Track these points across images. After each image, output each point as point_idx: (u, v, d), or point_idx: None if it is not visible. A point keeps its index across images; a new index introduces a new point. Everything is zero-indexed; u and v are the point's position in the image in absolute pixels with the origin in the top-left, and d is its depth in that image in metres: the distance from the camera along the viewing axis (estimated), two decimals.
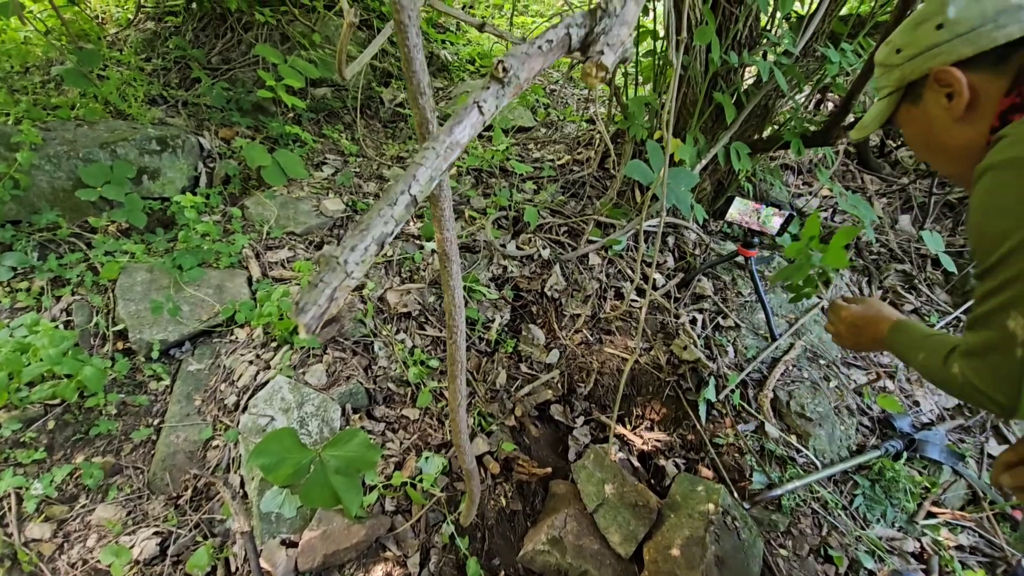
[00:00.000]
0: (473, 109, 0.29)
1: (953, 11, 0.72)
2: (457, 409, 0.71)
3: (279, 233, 1.98)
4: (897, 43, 0.80)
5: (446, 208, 0.51)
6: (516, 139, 2.65)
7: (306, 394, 1.49)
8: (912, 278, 2.46)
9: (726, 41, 2.02)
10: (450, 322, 0.60)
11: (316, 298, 0.27)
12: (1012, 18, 0.70)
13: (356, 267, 0.28)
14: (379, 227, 0.28)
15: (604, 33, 0.32)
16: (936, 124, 0.79)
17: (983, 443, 1.95)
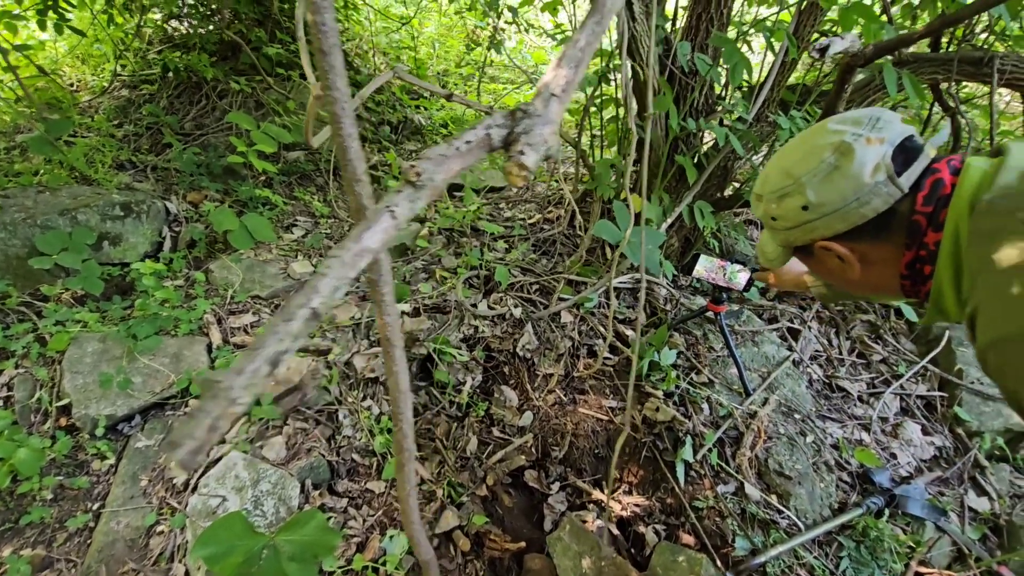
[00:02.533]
0: (384, 214, 0.28)
1: (813, 195, 0.73)
2: (407, 499, 0.67)
3: (243, 297, 1.93)
4: (770, 211, 0.80)
5: (386, 293, 0.49)
6: (487, 199, 2.69)
7: (263, 470, 1.40)
8: (878, 328, 2.50)
9: (684, 108, 2.13)
10: (395, 409, 0.57)
11: (193, 430, 0.25)
12: (872, 194, 0.70)
13: (242, 392, 0.25)
14: (272, 346, 0.25)
15: (525, 133, 0.31)
16: (836, 274, 0.80)
17: (963, 495, 1.93)
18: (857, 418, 2.16)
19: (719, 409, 1.92)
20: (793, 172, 0.76)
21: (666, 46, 2.07)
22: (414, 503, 0.69)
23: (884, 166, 0.70)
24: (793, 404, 2.02)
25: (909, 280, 0.74)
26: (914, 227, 0.70)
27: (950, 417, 2.19)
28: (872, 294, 0.84)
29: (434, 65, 3.51)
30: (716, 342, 2.17)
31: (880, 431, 2.12)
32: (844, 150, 0.72)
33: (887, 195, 0.70)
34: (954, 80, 2.13)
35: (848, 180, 0.71)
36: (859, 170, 0.70)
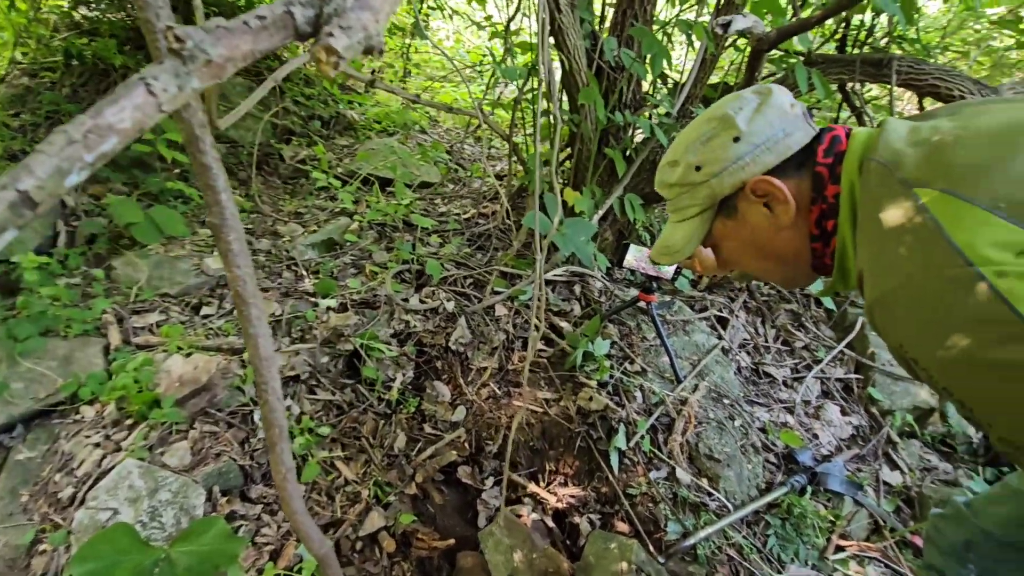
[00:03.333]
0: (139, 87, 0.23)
1: (744, 123, 0.73)
2: (284, 484, 0.60)
3: (150, 295, 1.78)
4: (693, 161, 0.77)
5: (233, 240, 0.44)
6: (421, 194, 2.64)
7: (162, 478, 1.28)
8: (800, 316, 2.62)
9: (612, 102, 2.16)
10: (258, 379, 0.51)
11: None
12: (795, 126, 0.72)
13: None
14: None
15: (336, 15, 0.28)
16: (760, 234, 0.77)
17: (877, 470, 2.04)
18: (782, 402, 2.24)
19: (651, 397, 1.94)
20: (717, 114, 0.76)
21: (593, 41, 2.10)
22: (295, 489, 0.62)
23: (799, 104, 0.74)
24: (722, 390, 2.07)
25: (820, 242, 0.73)
26: (817, 178, 0.71)
27: (865, 398, 2.31)
28: (784, 269, 0.80)
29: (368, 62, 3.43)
30: (649, 332, 2.20)
31: (803, 413, 2.21)
32: (763, 91, 0.76)
33: (807, 129, 0.73)
34: (858, 80, 2.28)
35: (774, 110, 0.73)
36: (782, 103, 0.73)
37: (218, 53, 0.25)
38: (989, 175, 0.53)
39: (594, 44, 2.11)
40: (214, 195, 0.42)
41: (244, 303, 0.47)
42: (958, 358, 0.50)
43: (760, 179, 0.73)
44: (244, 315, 0.47)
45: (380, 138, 2.95)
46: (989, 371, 0.48)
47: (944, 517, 1.03)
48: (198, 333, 1.67)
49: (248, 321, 0.48)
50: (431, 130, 3.38)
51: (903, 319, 0.55)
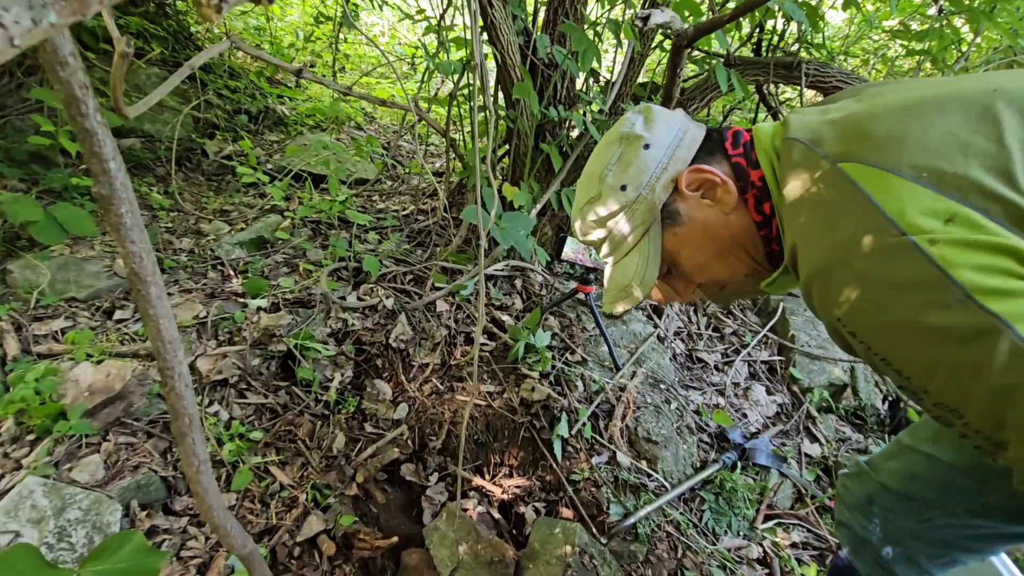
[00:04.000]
0: None
1: (645, 132, 0.74)
2: (197, 478, 0.57)
3: (53, 300, 1.63)
4: (615, 183, 0.74)
5: (125, 212, 0.41)
6: (357, 191, 2.57)
7: (70, 496, 1.17)
8: (728, 305, 2.78)
9: (547, 98, 2.20)
10: (161, 364, 0.48)
11: None
12: (687, 124, 0.76)
13: None
14: None
15: None
16: (712, 227, 0.73)
17: (799, 444, 2.19)
18: (714, 385, 2.37)
19: (592, 385, 1.99)
20: (613, 138, 0.77)
21: (526, 38, 2.12)
22: (210, 483, 0.59)
23: (678, 111, 0.78)
24: (658, 376, 2.16)
25: (765, 228, 0.71)
26: (737, 169, 0.71)
27: (787, 377, 2.48)
28: (749, 260, 0.74)
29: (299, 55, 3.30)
30: (588, 323, 2.25)
31: (733, 395, 2.35)
32: (642, 108, 0.78)
33: (697, 125, 0.77)
34: (772, 81, 2.44)
35: (661, 116, 0.76)
36: (662, 110, 0.77)
37: None
38: (907, 146, 0.54)
39: (527, 41, 2.14)
40: (100, 163, 0.39)
41: (141, 282, 0.44)
42: (896, 326, 0.50)
43: (689, 170, 0.72)
44: (142, 295, 0.44)
45: (313, 134, 2.85)
46: (926, 337, 0.49)
47: (849, 475, 1.10)
48: (111, 339, 1.55)
49: (147, 301, 0.45)
50: (366, 126, 3.30)
51: (839, 292, 0.54)
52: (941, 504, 0.92)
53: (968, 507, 0.89)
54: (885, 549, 1.00)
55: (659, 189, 0.73)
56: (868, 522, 1.02)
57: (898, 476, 0.97)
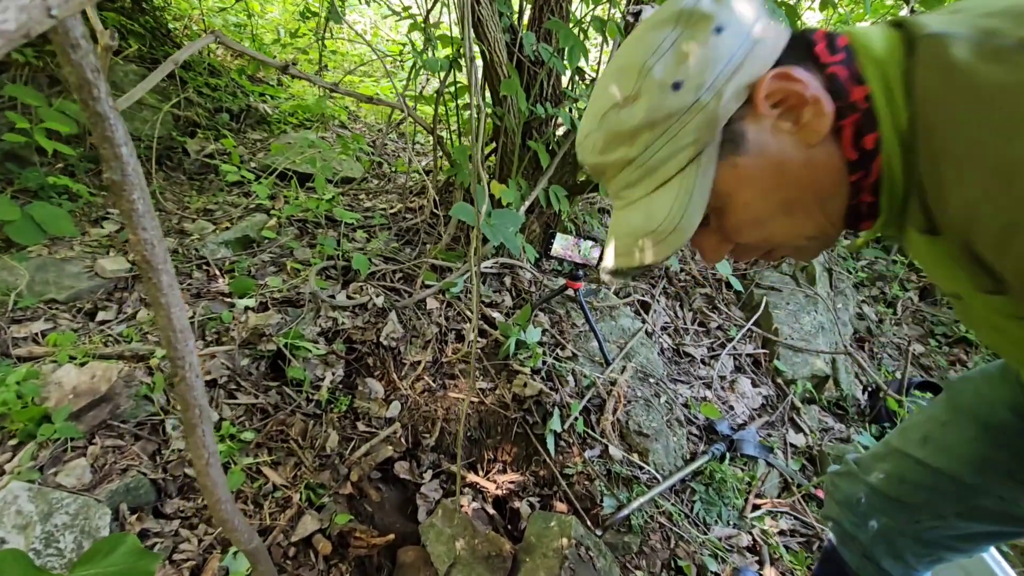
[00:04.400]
0: None
1: (720, 8, 0.51)
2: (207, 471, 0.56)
3: (32, 302, 1.58)
4: (665, 78, 0.51)
5: (137, 198, 0.40)
6: (343, 190, 2.55)
7: (56, 500, 1.14)
8: (713, 299, 2.82)
9: (533, 96, 2.21)
10: (171, 353, 0.47)
11: None
12: (771, 14, 0.53)
13: None
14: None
15: None
16: (788, 166, 0.52)
17: (784, 434, 2.24)
18: (701, 378, 2.41)
19: (583, 380, 2.01)
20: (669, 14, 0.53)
21: (512, 35, 2.13)
22: (219, 476, 0.58)
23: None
24: (648, 370, 2.18)
25: (861, 170, 0.51)
26: (834, 83, 0.50)
27: (772, 370, 2.53)
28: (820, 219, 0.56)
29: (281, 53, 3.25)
30: (578, 319, 2.27)
31: (720, 387, 2.39)
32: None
33: (780, 19, 0.60)
34: None
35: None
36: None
37: None
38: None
39: (513, 38, 2.15)
40: (112, 148, 0.39)
41: (153, 269, 0.43)
42: None
43: (773, 75, 0.50)
44: (154, 283, 0.44)
45: (296, 132, 2.82)
46: None
47: (839, 474, 1.07)
48: (95, 341, 1.51)
49: (159, 290, 0.44)
50: (350, 125, 3.27)
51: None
52: (929, 507, 0.91)
53: (956, 511, 0.88)
54: (872, 547, 0.99)
55: (728, 95, 0.50)
56: (856, 519, 1.01)
57: (887, 479, 0.95)
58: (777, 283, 2.85)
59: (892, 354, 3.09)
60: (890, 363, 2.99)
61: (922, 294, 3.60)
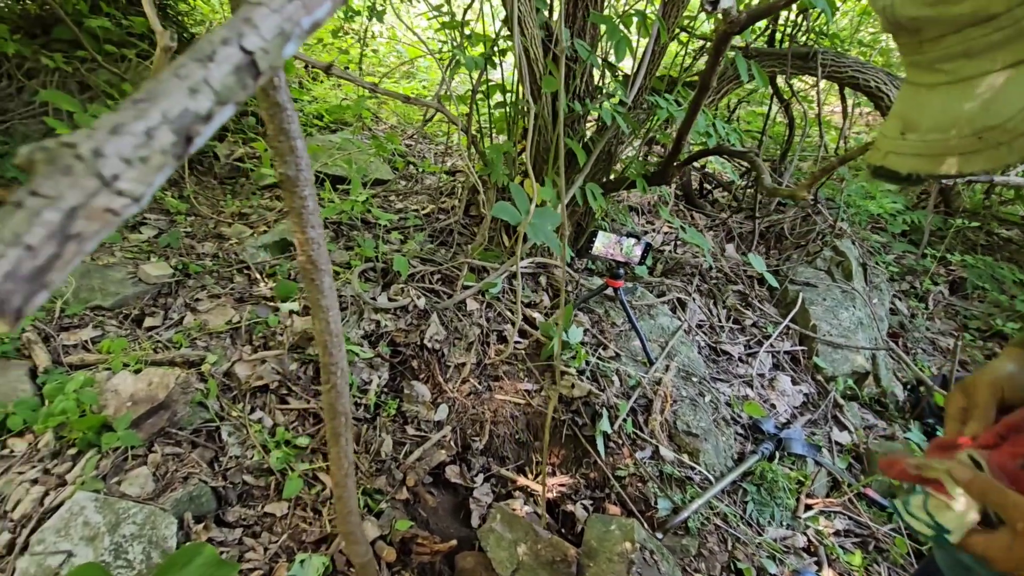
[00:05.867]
0: None
1: None
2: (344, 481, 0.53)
3: (79, 309, 1.56)
4: None
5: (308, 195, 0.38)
6: (375, 191, 2.52)
7: (123, 510, 1.12)
8: (747, 296, 2.79)
9: (568, 94, 2.18)
10: (326, 359, 0.44)
11: (20, 230, 0.12)
12: None
13: (126, 169, 0.13)
14: (179, 98, 0.14)
15: None
16: None
17: (829, 432, 2.20)
18: (740, 376, 2.37)
19: (628, 380, 1.98)
20: None
21: (546, 31, 2.10)
22: (352, 487, 0.56)
23: None
24: (690, 369, 2.15)
25: None
26: None
27: (811, 367, 2.49)
28: None
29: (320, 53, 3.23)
30: (617, 318, 2.24)
31: (760, 386, 2.35)
32: None
33: None
34: (789, 72, 2.46)
35: None
36: None
37: None
38: None
39: (547, 35, 2.12)
40: (288, 141, 0.36)
41: (316, 270, 0.40)
42: None
43: None
44: (316, 284, 0.41)
45: (322, 135, 2.80)
46: None
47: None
48: (145, 347, 1.49)
49: (320, 292, 0.41)
50: (374, 126, 3.25)
51: None
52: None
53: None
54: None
55: None
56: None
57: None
58: (812, 278, 2.81)
59: (926, 348, 3.04)
60: (924, 358, 2.94)
61: (952, 287, 3.55)
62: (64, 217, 0.13)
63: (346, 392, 0.49)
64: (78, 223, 0.13)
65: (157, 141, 0.14)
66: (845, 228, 3.08)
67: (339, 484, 0.54)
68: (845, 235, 3.05)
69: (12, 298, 0.12)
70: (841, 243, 2.96)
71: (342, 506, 0.57)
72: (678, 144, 2.02)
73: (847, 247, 2.95)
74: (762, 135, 3.07)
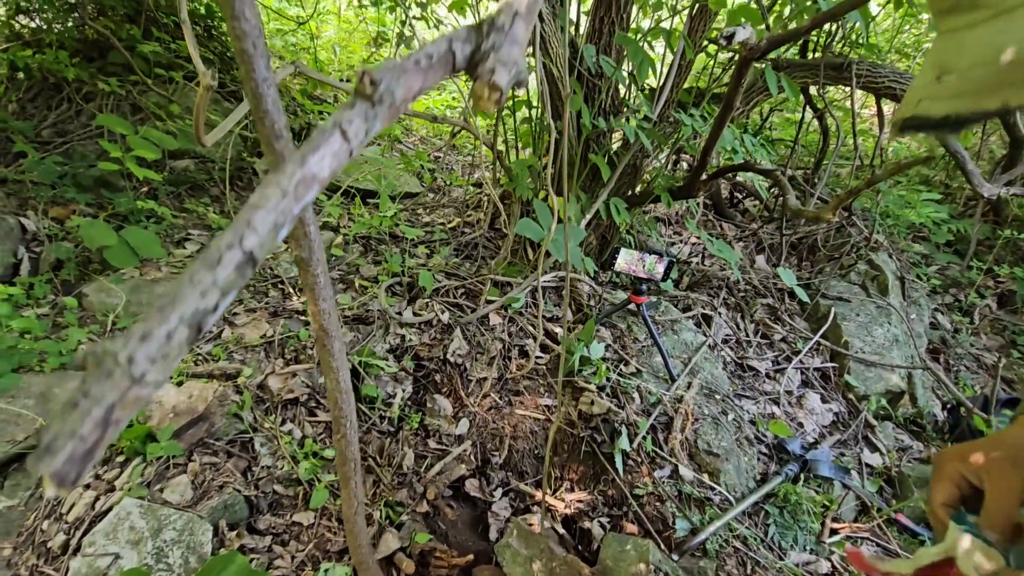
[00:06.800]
0: (335, 133, 0.22)
1: None
2: (354, 518, 0.58)
3: (129, 322, 1.68)
4: None
5: (320, 273, 0.42)
6: (404, 205, 2.60)
7: (164, 516, 1.21)
8: (776, 310, 2.73)
9: (593, 109, 2.20)
10: (336, 412, 0.49)
11: (74, 426, 0.17)
12: None
13: (150, 367, 0.18)
14: (192, 301, 0.18)
15: (494, 50, 0.27)
16: None
17: (859, 453, 2.14)
18: (767, 393, 2.33)
19: (649, 397, 1.98)
20: None
21: (571, 49, 2.12)
22: (363, 523, 0.60)
23: None
24: (713, 386, 2.13)
25: None
26: None
27: (842, 385, 2.43)
28: None
29: (336, 70, 3.36)
30: (640, 333, 2.24)
31: (787, 403, 2.31)
32: None
33: None
34: (821, 83, 2.40)
35: None
36: None
37: (400, 95, 0.24)
38: None
39: (572, 52, 2.14)
40: (303, 227, 0.41)
41: (328, 336, 0.45)
42: None
43: None
44: (327, 349, 0.46)
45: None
46: None
47: None
48: (186, 360, 1.59)
49: (331, 355, 0.46)
50: (404, 139, 3.33)
51: None
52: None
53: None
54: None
55: None
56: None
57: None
58: (845, 293, 2.73)
59: (969, 366, 2.91)
60: (967, 375, 2.82)
61: (1001, 301, 3.38)
62: (106, 412, 0.17)
63: (355, 441, 0.53)
64: (116, 413, 0.17)
65: (175, 339, 0.18)
66: (881, 241, 2.98)
67: (349, 520, 0.59)
68: (881, 248, 2.95)
69: (69, 475, 0.17)
70: (877, 256, 2.87)
71: (353, 539, 0.62)
72: (703, 160, 2.01)
73: (883, 260, 2.85)
74: (794, 144, 3.01)
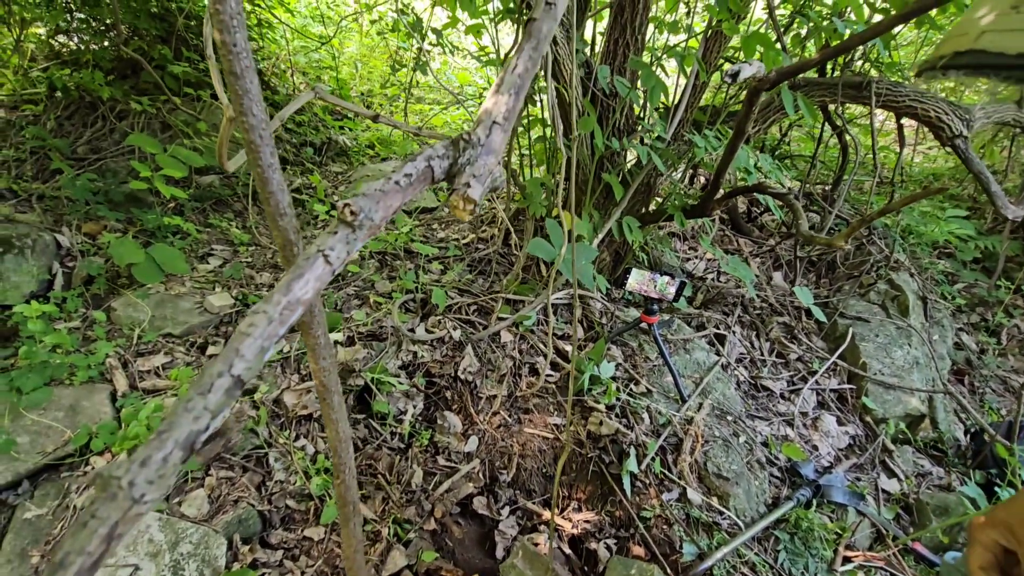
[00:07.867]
0: (318, 259, 0.25)
1: None
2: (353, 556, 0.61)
3: (153, 337, 1.75)
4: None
5: (321, 335, 0.45)
6: (420, 220, 2.65)
7: (181, 530, 1.26)
8: (792, 329, 2.70)
9: (607, 129, 2.21)
10: (336, 460, 0.52)
11: (84, 543, 0.20)
12: None
13: (148, 488, 0.21)
14: (186, 425, 0.21)
15: (469, 164, 0.30)
16: None
17: (875, 479, 2.10)
18: (781, 414, 2.30)
19: (658, 418, 1.98)
20: None
21: (587, 69, 2.15)
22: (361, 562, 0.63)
23: None
24: (725, 407, 2.12)
25: None
26: None
27: (859, 407, 2.38)
28: None
29: (357, 85, 3.44)
30: (651, 352, 2.24)
31: (802, 425, 2.27)
32: None
33: None
34: (840, 102, 2.38)
35: None
36: None
37: (379, 216, 0.27)
38: None
39: (587, 72, 2.16)
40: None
41: (328, 392, 0.48)
42: None
43: None
44: (328, 404, 0.49)
45: (374, 163, 2.96)
46: None
47: None
48: None
49: (332, 408, 0.49)
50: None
51: None
52: None
53: None
54: None
55: None
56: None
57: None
58: (864, 313, 2.69)
59: (996, 388, 2.83)
60: (993, 398, 2.74)
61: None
62: (111, 529, 0.20)
63: (354, 487, 0.56)
64: (119, 528, 0.20)
65: (171, 461, 0.21)
66: (902, 260, 2.92)
67: (348, 558, 0.62)
68: (902, 267, 2.89)
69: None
70: (898, 276, 2.81)
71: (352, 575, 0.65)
72: (716, 182, 2.01)
73: (904, 280, 2.80)
74: (812, 161, 2.97)
